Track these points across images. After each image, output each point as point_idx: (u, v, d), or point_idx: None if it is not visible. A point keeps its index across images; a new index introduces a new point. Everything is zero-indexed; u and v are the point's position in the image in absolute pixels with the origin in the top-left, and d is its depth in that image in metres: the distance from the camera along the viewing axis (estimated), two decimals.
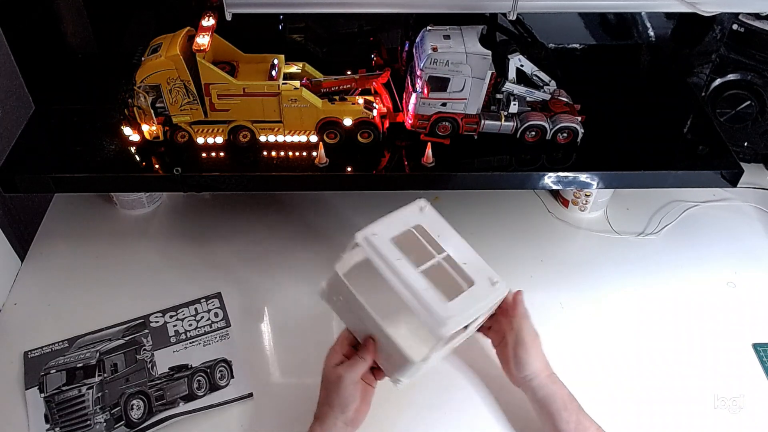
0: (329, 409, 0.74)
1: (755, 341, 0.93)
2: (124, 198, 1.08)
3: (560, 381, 0.80)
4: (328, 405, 0.74)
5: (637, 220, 1.11)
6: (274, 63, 0.90)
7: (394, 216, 0.77)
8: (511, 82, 0.90)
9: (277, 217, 1.10)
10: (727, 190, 1.14)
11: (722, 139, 0.97)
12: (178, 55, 0.84)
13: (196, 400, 0.85)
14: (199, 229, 1.08)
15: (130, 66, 0.89)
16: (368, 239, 0.72)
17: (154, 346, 0.90)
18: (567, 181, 0.93)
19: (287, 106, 0.89)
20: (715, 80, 1.04)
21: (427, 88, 0.87)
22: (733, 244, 1.07)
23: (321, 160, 0.90)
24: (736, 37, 1.00)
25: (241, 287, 0.99)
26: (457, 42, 0.86)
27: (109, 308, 0.95)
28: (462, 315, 0.70)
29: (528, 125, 0.91)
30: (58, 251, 1.04)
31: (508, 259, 1.04)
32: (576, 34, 1.05)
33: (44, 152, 0.95)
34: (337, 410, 0.73)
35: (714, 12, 0.79)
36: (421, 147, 0.91)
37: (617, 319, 0.96)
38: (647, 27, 1.04)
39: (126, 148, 0.93)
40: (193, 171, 0.90)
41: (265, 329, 0.95)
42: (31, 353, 0.89)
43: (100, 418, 0.82)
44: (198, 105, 0.89)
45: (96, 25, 0.97)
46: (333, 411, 0.73)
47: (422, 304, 0.69)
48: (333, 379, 0.74)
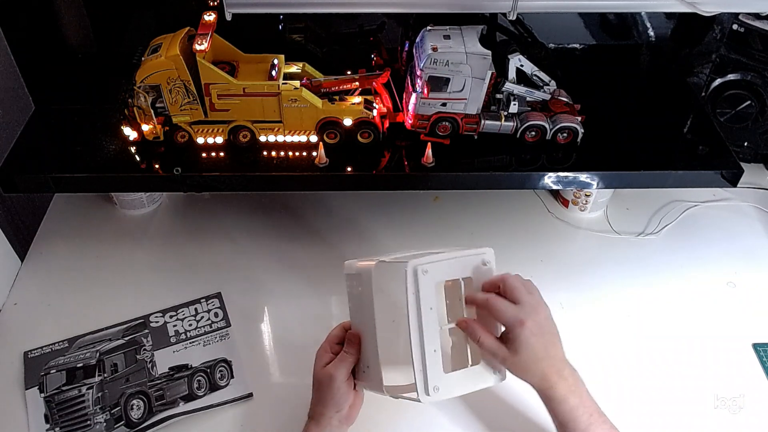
0: (323, 408, 0.73)
1: (755, 341, 0.93)
2: (124, 198, 1.08)
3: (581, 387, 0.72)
4: (322, 404, 0.74)
5: (637, 220, 1.11)
6: (274, 63, 0.90)
7: (455, 257, 0.72)
8: (511, 82, 0.90)
9: (277, 217, 1.10)
10: (727, 190, 1.14)
11: (722, 139, 0.97)
12: (178, 55, 0.84)
13: (196, 400, 0.85)
14: (199, 229, 1.08)
15: (130, 66, 0.89)
16: (416, 274, 0.67)
17: (154, 346, 0.90)
18: (567, 181, 0.93)
19: (287, 106, 0.89)
20: (715, 80, 1.04)
21: (427, 88, 0.87)
22: (733, 244, 1.07)
23: (321, 160, 0.90)
24: (736, 37, 1.00)
25: (241, 287, 0.99)
26: (457, 42, 0.86)
27: (109, 308, 0.95)
28: (450, 391, 0.68)
29: (528, 125, 0.91)
30: (58, 251, 1.04)
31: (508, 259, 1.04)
32: (576, 34, 1.05)
33: (44, 152, 0.94)
34: (332, 409, 0.73)
35: (714, 12, 0.79)
36: (421, 147, 0.91)
37: (617, 319, 0.96)
38: (647, 27, 1.04)
39: (126, 148, 0.93)
40: (193, 171, 0.90)
41: (265, 329, 0.95)
42: (31, 353, 0.89)
43: (100, 418, 0.82)
44: (198, 105, 0.89)
45: (96, 25, 0.97)
46: (327, 410, 0.73)
47: (422, 362, 0.67)
48: (324, 380, 0.74)
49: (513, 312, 0.69)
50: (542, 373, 0.71)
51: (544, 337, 0.70)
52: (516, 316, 0.69)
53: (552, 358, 0.71)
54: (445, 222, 1.10)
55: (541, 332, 0.70)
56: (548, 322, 0.72)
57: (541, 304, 0.73)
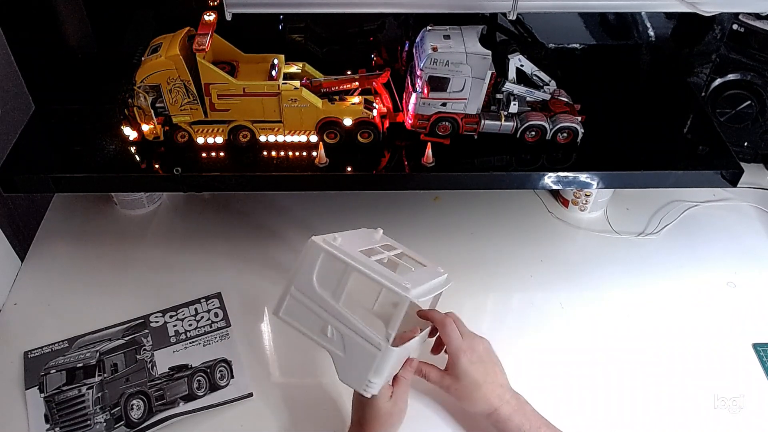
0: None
1: (755, 341, 0.93)
2: (124, 198, 1.08)
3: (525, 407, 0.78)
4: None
5: (637, 220, 1.11)
6: (274, 63, 0.90)
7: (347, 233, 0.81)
8: (511, 82, 0.90)
9: (277, 217, 1.10)
10: (727, 190, 1.14)
11: (722, 139, 0.97)
12: (178, 55, 0.84)
13: (196, 400, 0.85)
14: (199, 229, 1.08)
15: (130, 66, 0.89)
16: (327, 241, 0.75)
17: (154, 346, 0.90)
18: (567, 181, 0.93)
19: (287, 106, 0.89)
20: (715, 80, 1.04)
21: (427, 88, 0.87)
22: (733, 244, 1.07)
23: (321, 160, 0.90)
24: (736, 37, 1.00)
25: (241, 287, 0.99)
26: (457, 42, 0.86)
27: (109, 308, 0.95)
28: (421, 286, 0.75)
29: (528, 125, 0.91)
30: (58, 251, 1.04)
31: (508, 259, 1.05)
32: (576, 34, 1.05)
33: (44, 152, 0.95)
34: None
35: (714, 12, 0.79)
36: (421, 147, 0.91)
37: (617, 319, 0.96)
38: (647, 27, 1.04)
39: (126, 148, 0.93)
40: (193, 171, 0.90)
41: (265, 329, 0.95)
42: (31, 353, 0.89)
43: (100, 418, 0.82)
44: (198, 105, 0.89)
45: (96, 25, 0.97)
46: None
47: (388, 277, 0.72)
48: (396, 412, 0.75)
49: (458, 342, 0.79)
50: (484, 398, 0.77)
51: (483, 366, 0.79)
52: (459, 347, 0.78)
53: (491, 384, 0.78)
54: (445, 222, 1.10)
55: (480, 361, 0.79)
56: (487, 353, 0.81)
57: (480, 338, 0.82)
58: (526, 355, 0.89)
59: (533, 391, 0.81)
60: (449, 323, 0.80)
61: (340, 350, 0.73)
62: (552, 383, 0.87)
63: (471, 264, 1.02)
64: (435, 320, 0.81)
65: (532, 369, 0.87)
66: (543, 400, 0.80)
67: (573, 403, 0.85)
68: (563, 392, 0.86)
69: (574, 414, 0.83)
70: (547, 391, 0.83)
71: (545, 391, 0.82)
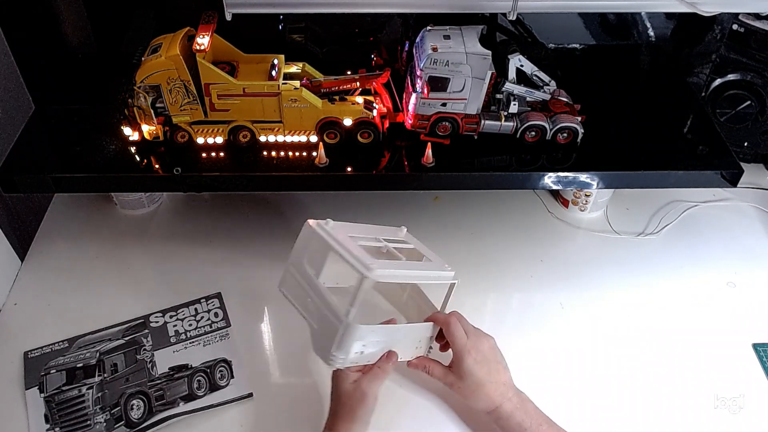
0: (352, 425, 0.73)
1: (755, 341, 0.93)
2: (124, 198, 1.08)
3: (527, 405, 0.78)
4: (350, 420, 0.74)
5: (637, 220, 1.11)
6: (274, 63, 0.90)
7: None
8: (511, 82, 0.90)
9: (277, 217, 1.10)
10: (727, 190, 1.14)
11: (722, 139, 0.97)
12: (178, 55, 0.84)
13: (196, 400, 0.85)
14: (199, 229, 1.08)
15: (130, 66, 0.89)
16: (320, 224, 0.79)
17: (154, 346, 0.90)
18: (567, 181, 0.93)
19: (287, 106, 0.89)
20: (715, 80, 1.04)
21: (427, 88, 0.87)
22: (733, 244, 1.07)
23: (321, 160, 0.90)
24: (736, 37, 1.00)
25: (241, 287, 0.99)
26: (457, 42, 0.86)
27: (109, 308, 0.95)
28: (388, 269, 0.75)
29: (528, 125, 0.91)
30: (58, 251, 1.04)
31: (508, 259, 1.05)
32: (576, 34, 1.05)
33: (44, 152, 0.95)
34: (362, 425, 0.74)
35: (714, 12, 0.79)
36: (421, 147, 0.91)
37: (617, 319, 0.96)
38: (647, 27, 1.05)
39: (126, 148, 0.93)
40: (193, 171, 0.90)
41: (265, 329, 0.95)
42: (31, 353, 0.89)
43: (100, 418, 0.82)
44: (198, 105, 0.89)
45: (96, 25, 0.97)
46: (356, 425, 0.74)
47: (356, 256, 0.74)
48: (357, 396, 0.74)
49: (462, 342, 0.78)
50: (487, 396, 0.77)
51: (487, 365, 0.78)
52: (464, 346, 0.78)
53: (494, 383, 0.78)
54: (445, 222, 1.10)
55: (484, 360, 0.78)
56: (492, 352, 0.80)
57: (486, 336, 0.81)
58: (526, 355, 0.89)
59: (533, 391, 0.81)
60: (453, 322, 0.80)
61: (316, 323, 0.75)
62: (552, 383, 0.87)
63: (471, 264, 1.02)
64: (439, 321, 0.82)
65: (532, 369, 0.87)
66: (543, 400, 0.80)
67: (573, 402, 0.85)
68: (563, 392, 0.86)
69: (574, 414, 0.83)
70: (547, 391, 0.82)
71: (545, 391, 0.82)
